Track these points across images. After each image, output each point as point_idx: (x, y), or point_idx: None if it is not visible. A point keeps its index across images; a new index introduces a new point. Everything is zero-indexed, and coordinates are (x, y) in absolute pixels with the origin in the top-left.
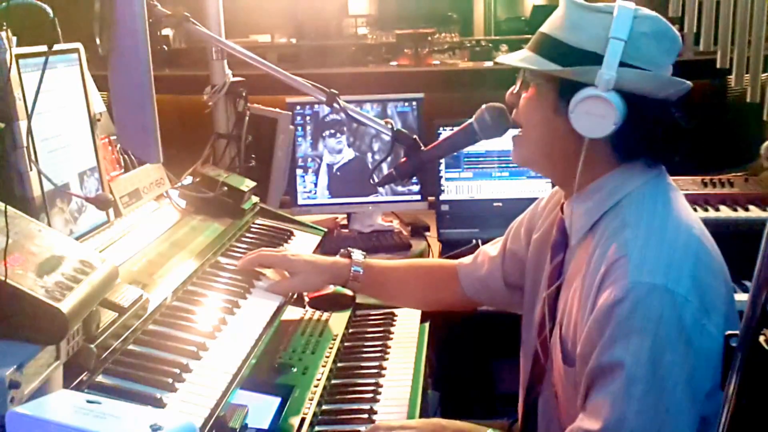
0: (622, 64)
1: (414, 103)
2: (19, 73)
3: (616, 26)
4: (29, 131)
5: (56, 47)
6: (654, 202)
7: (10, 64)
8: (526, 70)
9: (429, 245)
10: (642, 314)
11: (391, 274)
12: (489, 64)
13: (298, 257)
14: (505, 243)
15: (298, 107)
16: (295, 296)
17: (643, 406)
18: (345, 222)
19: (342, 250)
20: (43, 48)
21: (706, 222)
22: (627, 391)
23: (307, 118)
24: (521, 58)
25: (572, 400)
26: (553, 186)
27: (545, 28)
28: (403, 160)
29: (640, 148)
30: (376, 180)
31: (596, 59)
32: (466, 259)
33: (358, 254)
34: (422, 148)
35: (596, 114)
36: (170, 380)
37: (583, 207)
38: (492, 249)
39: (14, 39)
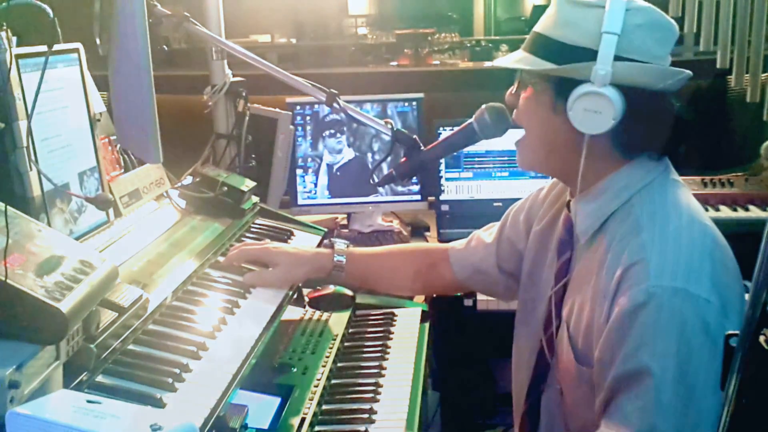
0: (617, 58)
1: (414, 103)
2: (19, 73)
3: (609, 20)
4: (29, 131)
5: (56, 47)
6: (664, 202)
7: (10, 64)
8: (523, 70)
9: None
10: (666, 318)
11: (375, 261)
12: (489, 64)
13: (279, 249)
14: (501, 229)
15: (298, 107)
16: (295, 296)
17: (672, 412)
18: (345, 222)
19: (325, 241)
20: (43, 48)
21: None
22: (656, 397)
23: (307, 118)
24: (516, 59)
25: (581, 397)
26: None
27: (538, 27)
28: (403, 160)
29: (641, 142)
30: (376, 180)
31: (591, 55)
32: (458, 243)
33: (340, 243)
34: (422, 148)
35: (594, 110)
36: (170, 380)
37: (589, 207)
38: (486, 235)
39: (14, 39)
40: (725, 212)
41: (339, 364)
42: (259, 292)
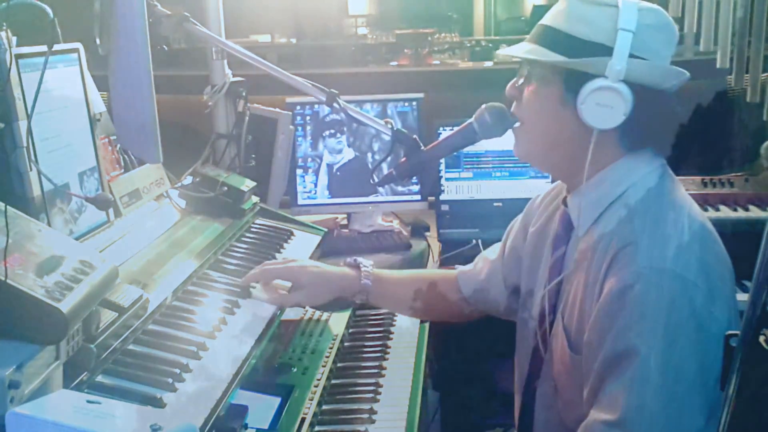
0: (630, 56)
1: (414, 103)
2: (19, 73)
3: (624, 18)
4: (29, 131)
5: (56, 47)
6: (659, 192)
7: (10, 64)
8: (530, 62)
9: (429, 245)
10: (653, 299)
11: (398, 288)
12: (489, 64)
13: (304, 269)
14: (504, 243)
15: (298, 107)
16: None
17: (660, 393)
18: (345, 222)
19: (348, 260)
20: (43, 48)
21: None
22: (643, 378)
23: (307, 118)
24: (527, 50)
25: (575, 389)
26: (552, 182)
27: (547, 20)
28: (403, 160)
29: (644, 138)
30: (376, 180)
31: (605, 51)
32: (467, 267)
33: (366, 266)
34: (422, 148)
35: (606, 105)
36: (170, 380)
37: (587, 198)
38: (491, 253)
39: (14, 39)
40: (725, 212)
41: (339, 364)
42: (260, 292)
